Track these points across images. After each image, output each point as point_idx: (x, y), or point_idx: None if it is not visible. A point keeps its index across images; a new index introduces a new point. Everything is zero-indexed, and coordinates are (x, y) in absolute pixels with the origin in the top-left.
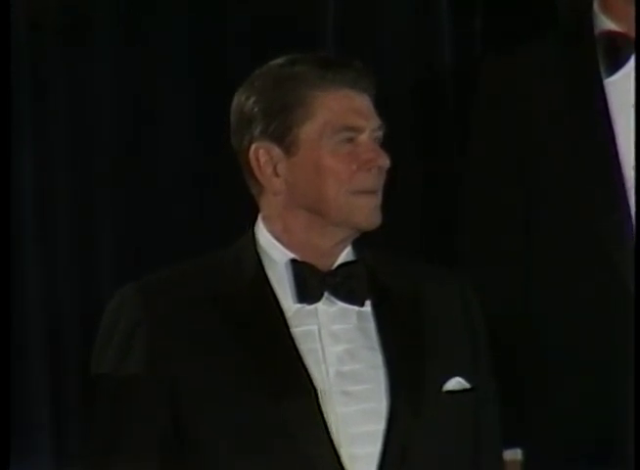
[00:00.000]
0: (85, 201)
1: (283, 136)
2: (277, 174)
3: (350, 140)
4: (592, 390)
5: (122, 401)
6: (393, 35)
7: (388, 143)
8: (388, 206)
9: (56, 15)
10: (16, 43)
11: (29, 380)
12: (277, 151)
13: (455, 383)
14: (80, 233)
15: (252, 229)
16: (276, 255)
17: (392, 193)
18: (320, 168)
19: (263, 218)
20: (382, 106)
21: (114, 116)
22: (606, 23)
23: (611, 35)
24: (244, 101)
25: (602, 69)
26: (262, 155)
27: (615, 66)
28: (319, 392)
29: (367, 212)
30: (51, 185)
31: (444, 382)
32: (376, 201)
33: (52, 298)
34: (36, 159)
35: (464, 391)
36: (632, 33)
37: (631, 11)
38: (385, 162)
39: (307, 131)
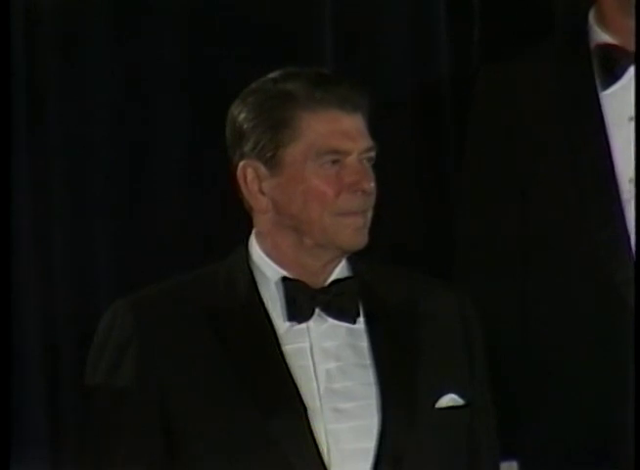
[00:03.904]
0: (85, 201)
1: (268, 155)
2: (263, 193)
3: (336, 162)
4: (590, 400)
5: (113, 414)
6: (392, 40)
7: (386, 146)
8: (387, 207)
9: (55, 15)
10: (15, 44)
11: (28, 382)
12: (263, 170)
13: (449, 399)
14: (80, 235)
15: (246, 244)
16: (268, 271)
17: (391, 195)
18: (304, 190)
19: (255, 234)
20: (381, 109)
21: (113, 116)
22: (602, 36)
23: (607, 48)
24: (236, 116)
25: (598, 82)
26: (250, 173)
27: (611, 78)
28: (310, 409)
29: (351, 233)
30: (51, 185)
31: (438, 398)
32: (361, 221)
33: (50, 299)
34: (36, 159)
35: (458, 407)
36: (628, 46)
37: (627, 23)
38: (369, 185)
39: (292, 152)
